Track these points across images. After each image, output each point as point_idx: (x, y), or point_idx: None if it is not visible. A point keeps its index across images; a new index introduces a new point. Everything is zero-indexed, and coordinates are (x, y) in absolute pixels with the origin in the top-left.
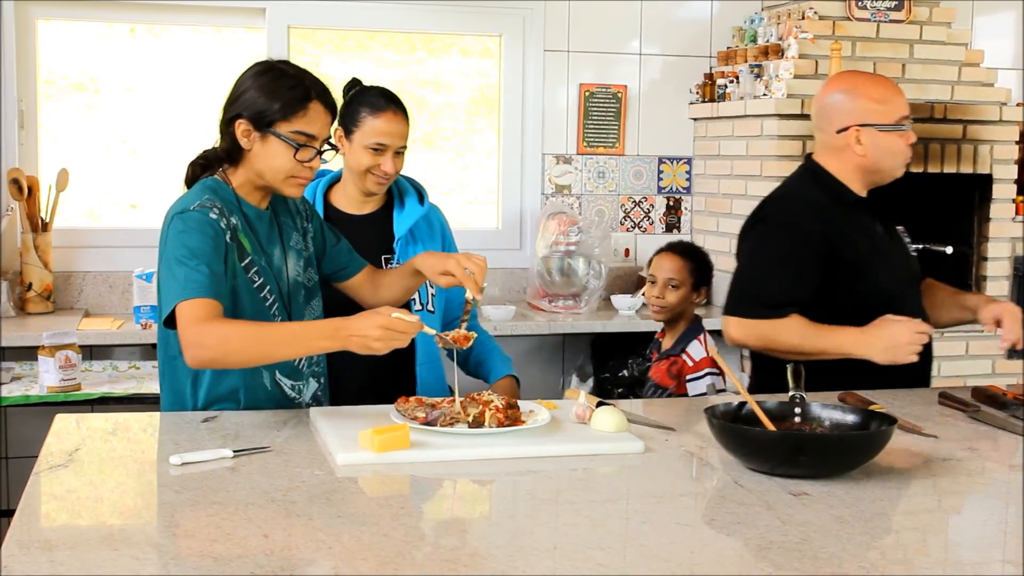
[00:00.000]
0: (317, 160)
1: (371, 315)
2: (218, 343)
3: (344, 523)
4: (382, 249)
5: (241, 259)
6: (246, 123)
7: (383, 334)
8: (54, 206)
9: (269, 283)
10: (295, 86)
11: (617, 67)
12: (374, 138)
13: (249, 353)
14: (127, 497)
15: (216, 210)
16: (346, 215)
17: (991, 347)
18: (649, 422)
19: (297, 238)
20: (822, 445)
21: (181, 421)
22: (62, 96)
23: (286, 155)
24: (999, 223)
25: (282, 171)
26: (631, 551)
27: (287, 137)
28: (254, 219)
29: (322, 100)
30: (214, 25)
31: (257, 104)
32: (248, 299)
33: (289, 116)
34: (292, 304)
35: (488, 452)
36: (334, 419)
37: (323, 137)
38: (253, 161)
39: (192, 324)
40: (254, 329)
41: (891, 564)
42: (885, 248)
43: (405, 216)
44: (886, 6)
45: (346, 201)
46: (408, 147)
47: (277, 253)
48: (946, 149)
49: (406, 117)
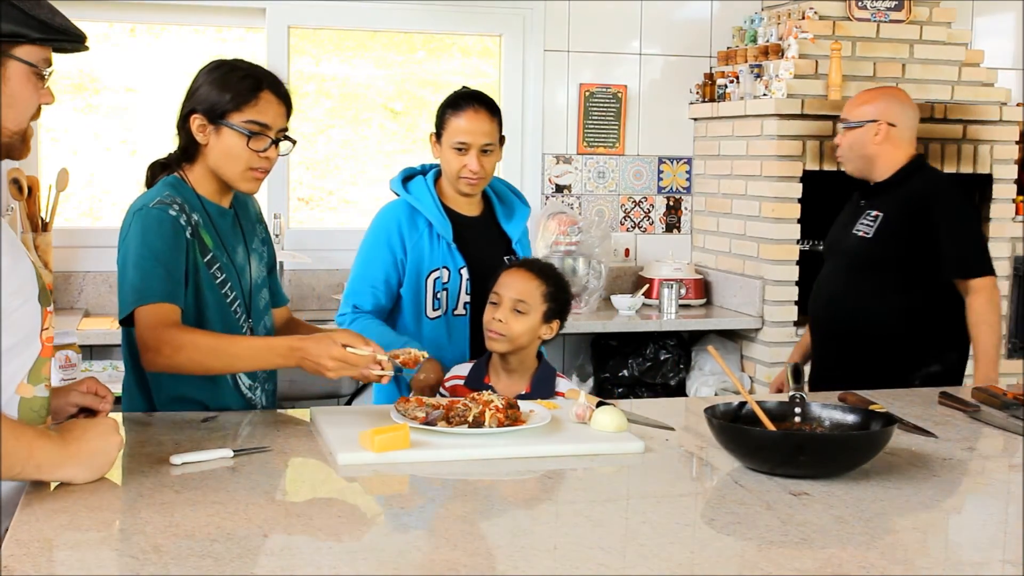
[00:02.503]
0: (273, 150)
1: (327, 343)
2: (174, 351)
3: (344, 523)
4: (503, 250)
5: (203, 255)
6: (200, 117)
7: (336, 365)
8: (54, 206)
9: (231, 280)
10: (245, 77)
11: (617, 67)
12: (457, 137)
13: (205, 364)
14: (127, 497)
15: (176, 206)
16: (463, 216)
17: None
18: (649, 422)
19: (258, 243)
20: (822, 445)
21: (181, 421)
22: (62, 96)
23: (240, 145)
24: (999, 223)
25: (238, 162)
26: (631, 551)
27: (239, 127)
28: (216, 216)
29: (273, 90)
30: (214, 25)
31: (210, 97)
32: (211, 295)
33: (241, 106)
34: (252, 304)
35: (488, 452)
36: (334, 419)
37: (277, 127)
38: (209, 156)
39: (150, 329)
40: (211, 341)
41: (891, 564)
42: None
43: (517, 217)
44: (886, 6)
45: (453, 201)
46: (496, 147)
47: (240, 251)
48: (946, 149)
49: (491, 115)
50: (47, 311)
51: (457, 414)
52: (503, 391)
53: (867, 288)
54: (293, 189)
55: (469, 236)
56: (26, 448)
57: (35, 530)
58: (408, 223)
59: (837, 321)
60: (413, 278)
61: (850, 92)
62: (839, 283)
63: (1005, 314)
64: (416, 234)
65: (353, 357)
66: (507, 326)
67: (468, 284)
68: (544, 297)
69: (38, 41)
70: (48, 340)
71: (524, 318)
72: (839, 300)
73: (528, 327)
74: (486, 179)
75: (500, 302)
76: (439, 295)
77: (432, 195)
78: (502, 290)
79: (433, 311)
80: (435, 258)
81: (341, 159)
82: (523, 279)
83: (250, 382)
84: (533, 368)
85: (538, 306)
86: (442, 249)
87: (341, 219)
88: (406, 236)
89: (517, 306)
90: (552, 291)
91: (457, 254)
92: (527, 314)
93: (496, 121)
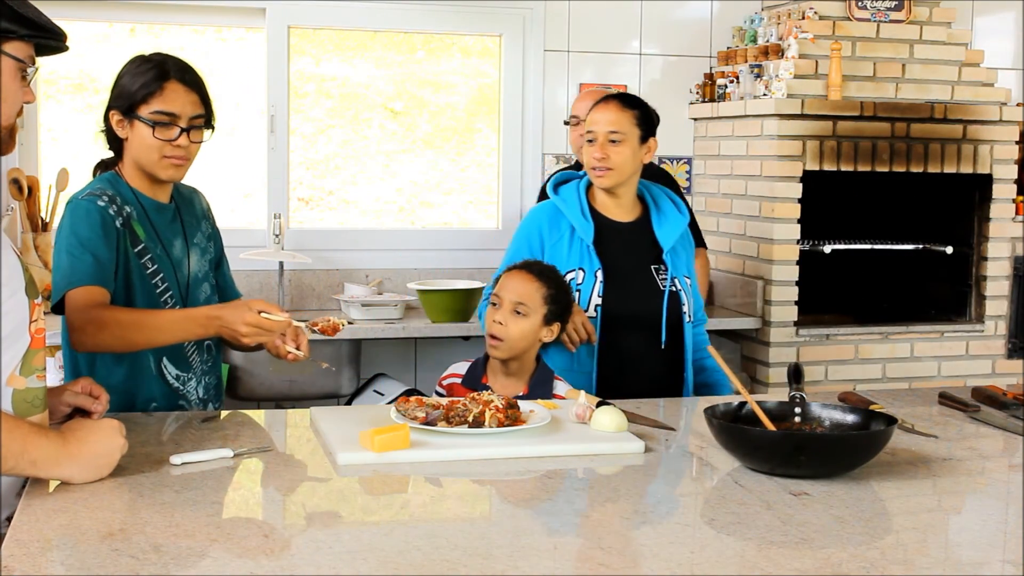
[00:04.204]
0: (184, 138)
1: (242, 309)
2: (98, 329)
3: (344, 523)
4: (651, 259)
5: (134, 246)
6: (117, 112)
7: (250, 331)
8: (54, 206)
9: (165, 272)
10: (152, 68)
11: (617, 67)
12: (586, 127)
13: (128, 338)
14: (127, 497)
15: (106, 198)
16: (614, 222)
17: (991, 347)
18: (649, 422)
19: (201, 237)
20: (822, 445)
21: (181, 421)
22: (62, 96)
23: (149, 135)
24: (999, 223)
25: (152, 152)
26: (631, 551)
27: (146, 118)
28: (152, 210)
29: (179, 79)
30: (214, 25)
31: (124, 92)
32: (140, 284)
33: (147, 98)
34: (189, 295)
35: (488, 452)
36: (334, 419)
37: (187, 115)
38: (130, 149)
39: (76, 311)
40: (132, 315)
41: (891, 564)
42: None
43: (669, 226)
44: (886, 6)
45: (604, 206)
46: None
47: (179, 245)
48: (946, 149)
49: (622, 105)
50: (35, 303)
51: (457, 414)
52: (500, 392)
53: None
54: (293, 189)
55: (614, 241)
56: (20, 443)
57: (35, 530)
58: (550, 224)
59: None
60: None
61: (850, 92)
62: None
63: (1005, 314)
64: (556, 235)
65: (268, 323)
66: (506, 328)
67: (601, 286)
68: (545, 299)
69: (26, 37)
70: (38, 332)
71: (524, 320)
72: None
73: (528, 329)
74: (616, 171)
75: (500, 304)
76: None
77: (579, 199)
78: (502, 292)
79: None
80: (572, 259)
81: (341, 159)
82: (523, 281)
83: (177, 372)
84: (531, 370)
85: (538, 308)
86: (581, 251)
87: (341, 219)
88: (546, 237)
89: (517, 308)
90: (553, 293)
91: (595, 256)
92: (527, 316)
93: (626, 110)
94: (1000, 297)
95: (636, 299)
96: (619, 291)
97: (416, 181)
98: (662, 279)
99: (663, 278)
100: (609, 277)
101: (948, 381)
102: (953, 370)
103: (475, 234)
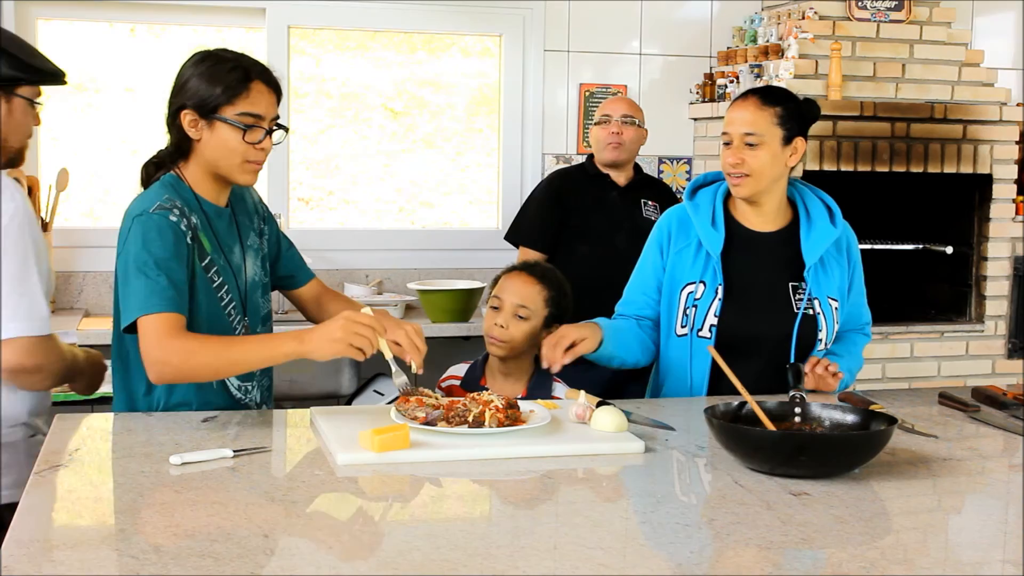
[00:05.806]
0: (268, 141)
1: (330, 320)
2: (183, 360)
3: (344, 523)
4: (789, 275)
5: (201, 259)
6: (191, 113)
7: (345, 324)
8: (54, 206)
9: (228, 282)
10: (234, 68)
11: (617, 67)
12: (723, 127)
13: (215, 366)
14: (127, 497)
15: (176, 211)
16: (751, 232)
17: (991, 347)
18: (649, 422)
19: (254, 238)
20: (822, 445)
21: (181, 421)
22: (62, 96)
23: (235, 138)
24: (999, 223)
25: (235, 156)
26: (631, 551)
27: (233, 120)
28: (213, 217)
29: (263, 79)
30: (214, 25)
31: (200, 92)
32: (205, 298)
33: (232, 99)
34: (248, 302)
35: (488, 452)
36: (334, 419)
37: (270, 117)
38: (204, 151)
39: (156, 341)
40: (219, 343)
41: (891, 564)
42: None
43: (816, 239)
44: (886, 6)
45: (742, 214)
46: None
47: (236, 251)
48: (946, 149)
49: (761, 103)
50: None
51: (457, 414)
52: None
53: None
54: (293, 189)
55: (747, 253)
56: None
57: (35, 530)
58: (679, 229)
59: None
60: (668, 287)
61: (850, 92)
62: None
63: (1005, 314)
64: (683, 241)
65: (365, 317)
66: (508, 332)
67: (720, 305)
68: (546, 302)
69: (35, 82)
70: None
71: (525, 323)
72: None
73: (529, 332)
74: (754, 178)
75: (501, 307)
76: (688, 311)
77: (714, 204)
78: (503, 295)
79: (681, 328)
80: (695, 270)
81: (341, 159)
82: (525, 284)
83: (240, 383)
84: (530, 372)
85: (539, 311)
86: (706, 262)
87: (341, 219)
88: (673, 241)
89: (519, 311)
90: (554, 296)
91: (719, 271)
92: (528, 319)
93: (768, 111)
94: (1000, 297)
95: (760, 320)
96: (741, 310)
97: (416, 181)
98: (798, 299)
99: (799, 298)
100: (731, 294)
101: (948, 381)
102: (953, 370)
103: (475, 234)
